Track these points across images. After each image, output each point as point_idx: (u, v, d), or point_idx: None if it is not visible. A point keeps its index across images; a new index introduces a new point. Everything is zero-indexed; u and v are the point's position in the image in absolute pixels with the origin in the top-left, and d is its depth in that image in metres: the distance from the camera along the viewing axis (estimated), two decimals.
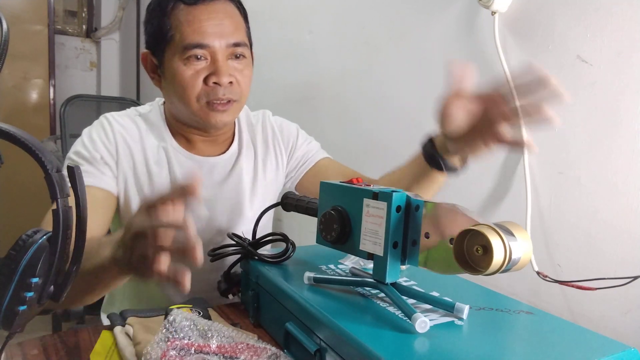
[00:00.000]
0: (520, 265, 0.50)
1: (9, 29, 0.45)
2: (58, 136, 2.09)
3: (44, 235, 0.41)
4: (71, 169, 0.42)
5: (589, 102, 0.81)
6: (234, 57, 0.88)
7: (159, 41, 0.87)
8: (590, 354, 0.52)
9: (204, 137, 0.96)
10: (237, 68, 0.88)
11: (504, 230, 0.48)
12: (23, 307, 0.40)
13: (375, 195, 0.59)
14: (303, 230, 1.47)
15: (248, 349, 0.60)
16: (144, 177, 0.92)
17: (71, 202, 0.42)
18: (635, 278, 0.71)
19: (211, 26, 0.85)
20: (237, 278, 0.83)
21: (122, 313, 0.72)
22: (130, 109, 0.99)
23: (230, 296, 0.84)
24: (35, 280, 0.40)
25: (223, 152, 1.00)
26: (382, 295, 0.64)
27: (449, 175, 0.80)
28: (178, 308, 0.66)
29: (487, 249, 0.47)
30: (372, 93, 1.30)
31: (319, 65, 1.51)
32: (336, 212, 0.63)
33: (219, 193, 0.97)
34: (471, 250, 0.49)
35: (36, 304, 0.41)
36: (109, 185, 0.88)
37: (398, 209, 0.57)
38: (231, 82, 0.87)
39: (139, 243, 0.53)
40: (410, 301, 0.60)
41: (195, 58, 0.84)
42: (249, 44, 0.91)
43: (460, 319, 0.58)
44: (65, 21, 3.43)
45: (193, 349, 0.59)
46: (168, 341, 0.59)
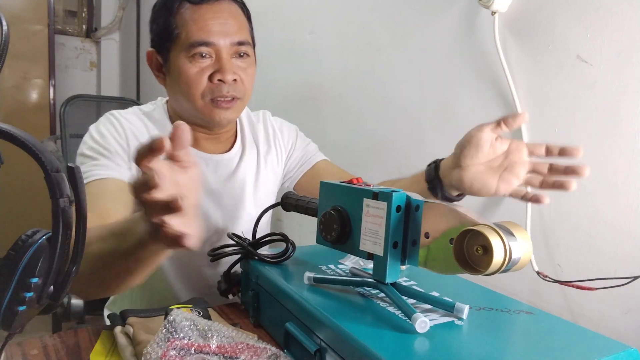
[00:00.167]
0: (520, 265, 0.50)
1: (9, 29, 0.45)
2: (58, 136, 2.09)
3: (44, 236, 0.41)
4: (71, 168, 0.42)
5: (589, 102, 0.81)
6: (238, 55, 0.89)
7: (164, 39, 0.88)
8: (590, 354, 0.52)
9: (207, 135, 0.97)
10: (240, 66, 0.90)
11: (504, 230, 0.48)
12: (22, 308, 0.40)
13: (375, 195, 0.59)
14: (303, 230, 1.47)
15: (248, 349, 0.60)
16: None
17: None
18: (635, 278, 0.71)
19: (216, 25, 0.86)
20: (237, 278, 0.83)
21: (122, 313, 0.72)
22: (133, 108, 0.99)
23: (230, 296, 0.84)
24: (35, 280, 0.40)
25: (226, 150, 1.01)
26: (382, 295, 0.64)
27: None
28: (178, 308, 0.66)
29: (487, 249, 0.47)
30: (374, 93, 1.30)
31: (320, 66, 1.51)
32: (336, 212, 0.63)
33: (224, 190, 0.98)
34: (471, 250, 0.49)
35: (36, 304, 0.41)
36: (126, 177, 0.88)
37: (398, 209, 0.57)
38: (235, 79, 0.88)
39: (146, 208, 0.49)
40: (410, 301, 0.60)
41: (201, 56, 0.86)
42: (252, 44, 0.93)
43: (460, 319, 0.58)
44: (65, 21, 3.43)
45: (193, 349, 0.59)
46: (168, 341, 0.59)
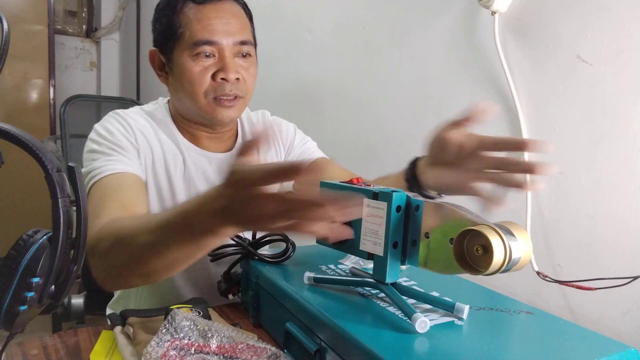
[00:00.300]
0: (520, 265, 0.50)
1: (9, 29, 0.45)
2: (58, 136, 2.09)
3: (45, 235, 0.41)
4: (72, 168, 0.42)
5: (589, 102, 0.81)
6: (241, 55, 0.90)
7: (168, 39, 0.89)
8: (590, 354, 0.52)
9: (209, 134, 0.98)
10: (243, 66, 0.90)
11: (504, 230, 0.48)
12: (24, 307, 0.40)
13: (375, 195, 0.59)
14: None
15: (248, 349, 0.60)
16: (161, 171, 0.93)
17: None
18: (635, 278, 0.71)
19: (220, 24, 0.87)
20: (237, 278, 0.83)
21: (122, 313, 0.72)
22: (135, 107, 0.99)
23: (230, 296, 0.84)
24: (36, 280, 0.40)
25: (227, 149, 1.01)
26: (382, 295, 0.64)
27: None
28: (178, 308, 0.66)
29: (487, 249, 0.47)
30: (373, 93, 1.30)
31: (319, 66, 1.51)
32: None
33: None
34: (471, 250, 0.49)
35: (37, 303, 0.41)
36: (139, 172, 0.88)
37: (398, 209, 0.57)
38: (238, 78, 0.89)
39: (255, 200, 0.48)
40: (410, 301, 0.60)
41: (204, 55, 0.87)
42: (254, 44, 0.94)
43: (460, 319, 0.58)
44: (65, 21, 3.43)
45: (193, 349, 0.59)
46: (168, 341, 0.59)
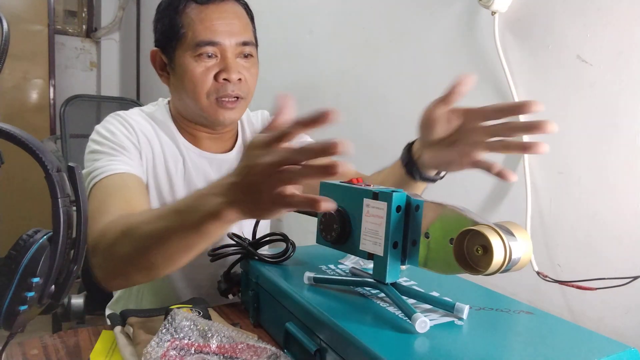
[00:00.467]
0: (520, 265, 0.50)
1: (9, 29, 0.45)
2: (58, 136, 2.09)
3: (45, 235, 0.41)
4: (72, 168, 0.42)
5: (589, 102, 0.81)
6: (242, 56, 0.90)
7: (169, 39, 0.89)
8: (590, 354, 0.52)
9: (209, 135, 0.98)
10: (244, 66, 0.90)
11: (504, 230, 0.48)
12: (24, 307, 0.40)
13: (376, 195, 0.59)
14: (303, 230, 1.47)
15: (248, 349, 0.60)
16: (162, 172, 0.93)
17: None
18: (635, 278, 0.71)
19: (222, 25, 0.87)
20: (237, 278, 0.83)
21: (122, 313, 0.72)
22: (135, 109, 0.99)
23: (230, 296, 0.84)
24: (36, 280, 0.40)
25: (228, 150, 1.01)
26: (382, 295, 0.64)
27: (425, 182, 0.77)
28: (178, 308, 0.66)
29: (487, 249, 0.47)
30: (372, 93, 1.30)
31: (318, 66, 1.51)
32: (336, 212, 0.63)
33: None
34: (471, 250, 0.49)
35: (37, 303, 0.41)
36: (140, 173, 0.88)
37: (398, 209, 0.57)
38: (240, 79, 0.89)
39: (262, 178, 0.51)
40: (410, 301, 0.60)
41: (207, 56, 0.87)
42: (255, 44, 0.94)
43: (460, 319, 0.58)
44: (65, 21, 3.42)
45: (193, 349, 0.59)
46: (168, 341, 0.59)
